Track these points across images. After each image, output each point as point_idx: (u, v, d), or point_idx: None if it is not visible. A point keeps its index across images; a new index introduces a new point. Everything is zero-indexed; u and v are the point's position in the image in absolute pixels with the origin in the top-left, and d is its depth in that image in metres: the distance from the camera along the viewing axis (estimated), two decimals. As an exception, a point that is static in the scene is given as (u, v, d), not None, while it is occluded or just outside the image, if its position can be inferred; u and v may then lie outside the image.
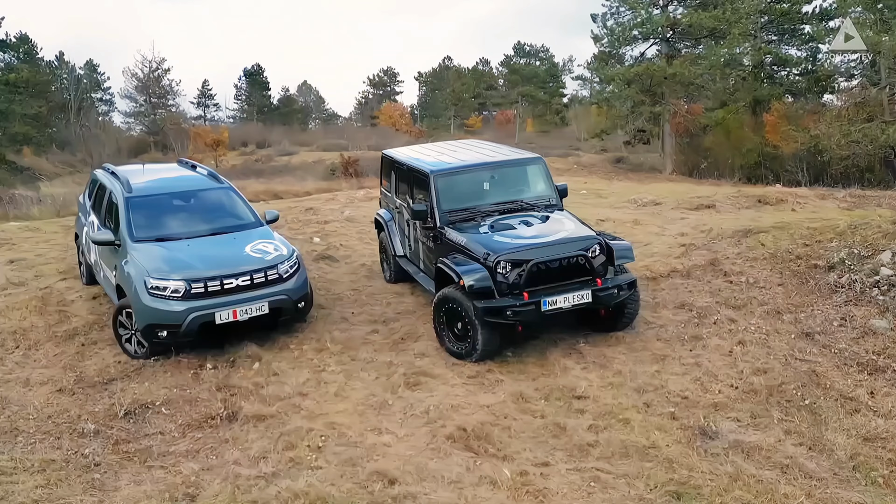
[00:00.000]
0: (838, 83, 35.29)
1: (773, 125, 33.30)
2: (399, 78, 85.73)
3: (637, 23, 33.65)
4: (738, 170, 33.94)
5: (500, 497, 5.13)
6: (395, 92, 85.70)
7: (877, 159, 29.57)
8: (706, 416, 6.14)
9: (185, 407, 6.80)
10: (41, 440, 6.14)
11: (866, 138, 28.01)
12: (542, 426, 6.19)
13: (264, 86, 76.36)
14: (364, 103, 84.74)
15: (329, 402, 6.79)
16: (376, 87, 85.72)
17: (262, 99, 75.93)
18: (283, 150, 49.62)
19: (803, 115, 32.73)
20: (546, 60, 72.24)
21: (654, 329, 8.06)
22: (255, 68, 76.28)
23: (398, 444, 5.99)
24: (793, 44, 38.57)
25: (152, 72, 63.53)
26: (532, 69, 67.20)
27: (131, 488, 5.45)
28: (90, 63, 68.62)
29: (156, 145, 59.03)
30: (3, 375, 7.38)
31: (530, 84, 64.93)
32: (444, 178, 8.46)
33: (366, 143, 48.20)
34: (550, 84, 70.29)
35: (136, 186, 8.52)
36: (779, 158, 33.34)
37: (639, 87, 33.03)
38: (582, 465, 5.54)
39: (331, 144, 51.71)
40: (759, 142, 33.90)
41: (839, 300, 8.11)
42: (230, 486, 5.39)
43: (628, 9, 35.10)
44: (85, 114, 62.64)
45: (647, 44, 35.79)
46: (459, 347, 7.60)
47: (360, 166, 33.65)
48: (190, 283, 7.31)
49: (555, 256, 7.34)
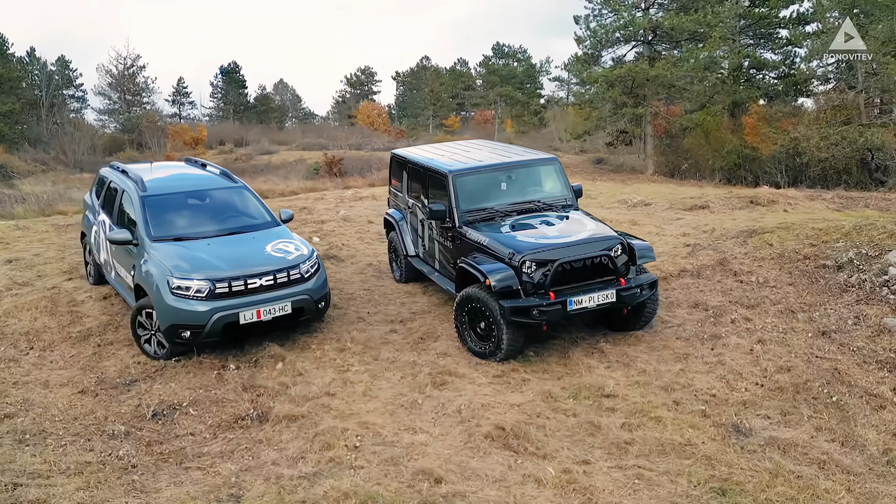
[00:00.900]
0: (815, 87, 35.93)
1: (752, 127, 33.81)
2: (377, 77, 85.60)
3: (620, 25, 33.92)
4: (717, 171, 34.46)
5: (548, 495, 5.17)
6: (372, 91, 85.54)
7: (853, 161, 30.16)
8: (737, 414, 6.24)
9: (212, 408, 6.74)
10: (71, 442, 6.04)
11: (845, 140, 28.59)
12: (577, 425, 6.24)
13: (241, 84, 75.63)
14: (341, 102, 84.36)
15: (358, 402, 6.78)
16: (354, 86, 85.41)
17: (239, 97, 75.16)
18: (263, 148, 49.22)
19: (781, 118, 33.27)
20: (524, 61, 72.51)
21: (671, 328, 8.17)
22: (232, 66, 75.58)
23: (434, 444, 6.00)
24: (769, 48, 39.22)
25: (127, 69, 62.66)
26: (510, 70, 67.40)
27: (172, 489, 5.39)
28: (62, 59, 67.35)
29: (131, 143, 58.19)
30: (21, 377, 7.25)
31: (508, 85, 65.08)
32: (462, 178, 8.48)
33: (346, 143, 48.07)
34: (528, 85, 70.57)
35: (150, 185, 8.42)
36: (757, 160, 33.86)
37: (621, 88, 33.31)
38: (623, 463, 5.60)
39: (310, 143, 51.45)
40: (738, 143, 34.39)
41: (850, 299, 8.27)
42: (274, 486, 5.35)
43: (611, 11, 35.37)
44: (57, 111, 61.50)
45: (629, 46, 36.12)
46: (482, 347, 7.63)
47: (343, 166, 33.57)
48: (214, 282, 7.24)
49: (580, 256, 7.40)
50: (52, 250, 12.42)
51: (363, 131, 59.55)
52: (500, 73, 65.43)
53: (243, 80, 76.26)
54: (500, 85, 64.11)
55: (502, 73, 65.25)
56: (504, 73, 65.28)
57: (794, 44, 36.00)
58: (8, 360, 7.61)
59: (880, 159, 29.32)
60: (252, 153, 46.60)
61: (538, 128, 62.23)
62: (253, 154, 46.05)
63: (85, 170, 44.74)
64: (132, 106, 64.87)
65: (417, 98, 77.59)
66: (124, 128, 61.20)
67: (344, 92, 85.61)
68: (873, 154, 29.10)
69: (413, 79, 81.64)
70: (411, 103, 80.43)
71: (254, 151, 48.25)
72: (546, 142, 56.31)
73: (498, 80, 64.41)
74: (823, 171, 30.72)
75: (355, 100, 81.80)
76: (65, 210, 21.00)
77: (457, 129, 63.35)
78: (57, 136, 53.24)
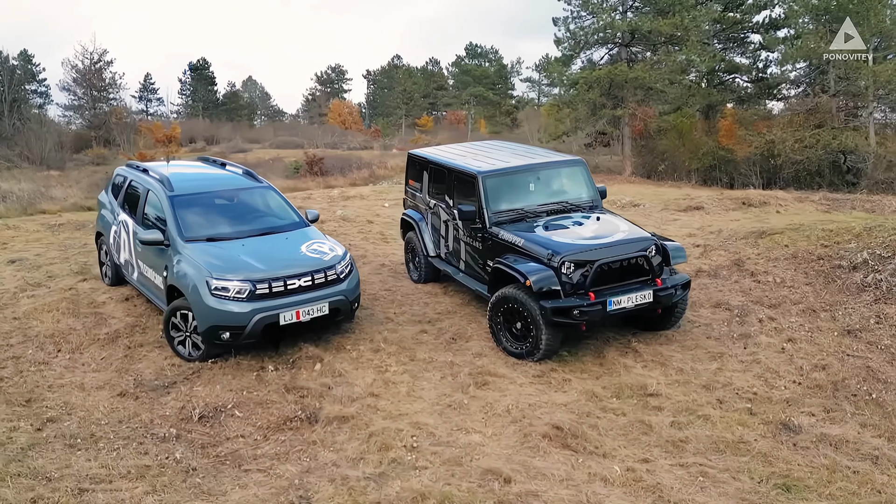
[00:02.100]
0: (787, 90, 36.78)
1: (728, 129, 34.49)
2: (347, 76, 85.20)
3: (599, 27, 34.29)
4: (693, 172, 35.07)
5: (618, 493, 5.24)
6: (343, 90, 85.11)
7: (826, 164, 30.96)
8: (783, 411, 6.39)
9: (257, 409, 6.69)
10: (124, 445, 5.95)
11: (819, 143, 29.33)
12: (628, 423, 6.33)
13: (210, 80, 74.61)
14: (311, 100, 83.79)
15: (404, 402, 6.78)
16: (324, 84, 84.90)
17: (209, 94, 74.13)
18: (236, 147, 48.72)
19: (756, 121, 33.99)
20: (495, 62, 72.88)
21: (699, 327, 8.33)
22: (201, 62, 74.51)
23: (491, 443, 6.04)
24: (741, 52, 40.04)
25: (94, 64, 61.26)
26: (483, 70, 67.67)
27: (238, 492, 5.35)
28: (24, 53, 65.70)
29: (97, 140, 56.98)
30: (56, 380, 7.11)
31: (481, 85, 65.36)
32: (491, 179, 8.54)
33: (323, 142, 47.75)
34: (499, 86, 70.97)
35: (177, 185, 8.30)
36: (732, 161, 34.56)
37: (600, 90, 33.67)
38: (682, 461, 5.70)
39: (284, 142, 51.08)
40: (713, 145, 35.04)
41: (868, 299, 8.52)
42: (342, 487, 5.34)
43: (589, 14, 35.74)
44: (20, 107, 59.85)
45: (606, 48, 36.53)
46: (518, 347, 7.69)
47: (324, 165, 33.37)
48: (254, 283, 7.17)
49: (619, 257, 7.50)
50: (53, 250, 12.16)
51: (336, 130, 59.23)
52: (472, 73, 65.67)
53: (213, 76, 75.34)
54: (472, 85, 64.35)
55: (475, 73, 65.48)
56: (477, 73, 65.51)
57: (768, 48, 36.82)
58: (38, 362, 7.45)
59: (852, 162, 30.15)
60: (225, 151, 46.00)
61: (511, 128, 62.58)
62: (226, 152, 45.44)
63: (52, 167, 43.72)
64: (98, 102, 63.48)
65: (389, 97, 77.44)
66: (91, 124, 59.83)
67: (314, 90, 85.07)
68: (846, 157, 29.90)
69: (385, 78, 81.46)
70: (383, 102, 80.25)
71: (227, 150, 47.67)
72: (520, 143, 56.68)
73: (471, 80, 64.66)
74: (797, 172, 31.47)
75: (326, 98, 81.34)
76: (47, 209, 20.61)
77: (430, 129, 63.36)
78: (21, 132, 51.76)
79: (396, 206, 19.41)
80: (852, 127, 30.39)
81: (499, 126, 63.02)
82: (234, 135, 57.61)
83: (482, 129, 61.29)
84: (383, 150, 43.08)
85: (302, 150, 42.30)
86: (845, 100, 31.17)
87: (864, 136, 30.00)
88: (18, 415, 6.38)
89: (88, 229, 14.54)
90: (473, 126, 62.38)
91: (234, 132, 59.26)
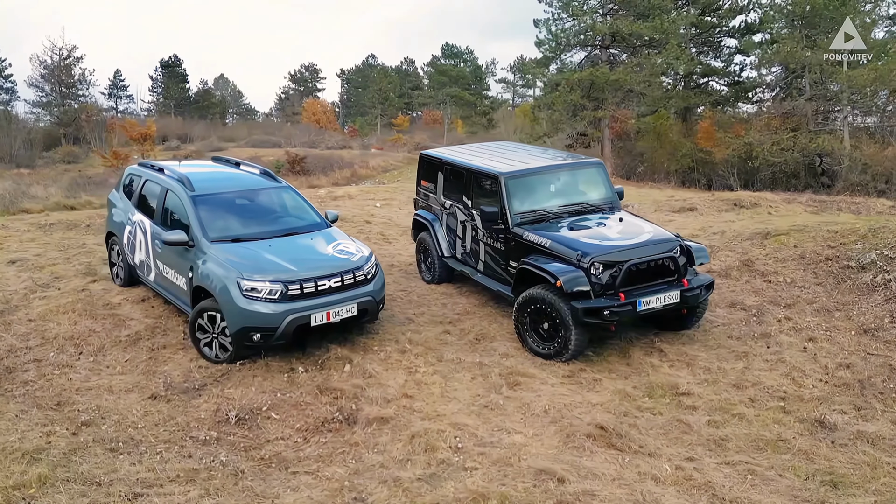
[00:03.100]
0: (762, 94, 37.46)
1: (706, 131, 35.04)
2: (321, 74, 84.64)
3: (581, 29, 34.59)
4: (672, 173, 35.59)
5: (671, 492, 5.31)
6: (316, 88, 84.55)
7: (802, 166, 31.63)
8: (815, 409, 6.52)
9: (293, 411, 6.64)
10: (166, 449, 5.86)
11: (796, 146, 29.95)
12: (667, 423, 6.41)
13: (182, 78, 73.55)
14: (285, 99, 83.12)
15: (439, 403, 6.79)
16: (297, 82, 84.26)
17: (181, 91, 73.08)
18: (212, 145, 48.04)
19: (734, 123, 34.58)
20: (470, 62, 73.05)
21: (718, 327, 8.46)
22: (173, 59, 73.42)
23: (534, 444, 6.07)
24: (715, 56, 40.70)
25: (63, 59, 60.08)
26: (459, 70, 67.76)
27: (291, 495, 5.31)
28: (-10, 48, 64.12)
29: (67, 138, 55.90)
30: (82, 383, 6.97)
31: (457, 85, 65.43)
32: (514, 180, 8.57)
33: (300, 141, 47.37)
34: (474, 86, 71.15)
35: (197, 185, 8.18)
36: (710, 163, 35.15)
37: (582, 91, 33.97)
38: (727, 459, 5.79)
39: (261, 141, 50.62)
40: (691, 147, 35.59)
41: (879, 298, 8.73)
42: (398, 489, 5.33)
43: (570, 16, 36.03)
44: (-15, 103, 58.51)
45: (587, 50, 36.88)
46: (546, 348, 7.73)
47: (306, 164, 33.12)
48: (286, 284, 7.11)
49: (648, 257, 7.59)
50: (52, 250, 11.90)
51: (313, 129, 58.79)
52: (449, 73, 65.70)
53: (185, 74, 74.27)
54: (449, 85, 64.39)
55: (452, 73, 65.54)
56: (453, 73, 65.58)
57: (744, 52, 37.48)
58: (62, 365, 7.30)
59: (827, 164, 30.83)
60: (202, 150, 45.39)
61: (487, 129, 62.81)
62: (203, 151, 44.86)
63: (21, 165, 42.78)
64: (66, 99, 62.28)
65: (364, 96, 77.13)
66: (60, 121, 58.68)
67: (287, 88, 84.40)
68: (822, 159, 30.57)
69: (359, 77, 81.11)
70: (357, 102, 79.91)
71: (203, 148, 47.03)
72: (499, 143, 56.87)
73: (447, 81, 64.69)
74: (774, 174, 32.13)
75: (299, 97, 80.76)
76: (30, 208, 20.18)
77: (406, 129, 63.27)
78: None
79: (387, 207, 19.41)
80: (828, 131, 31.10)
81: (475, 126, 63.18)
82: (208, 133, 56.87)
83: (459, 129, 61.39)
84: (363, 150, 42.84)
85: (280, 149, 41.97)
86: (820, 104, 31.85)
87: (839, 140, 30.72)
88: (51, 419, 6.24)
89: (81, 229, 14.28)
90: (450, 126, 62.42)
91: (207, 130, 58.49)
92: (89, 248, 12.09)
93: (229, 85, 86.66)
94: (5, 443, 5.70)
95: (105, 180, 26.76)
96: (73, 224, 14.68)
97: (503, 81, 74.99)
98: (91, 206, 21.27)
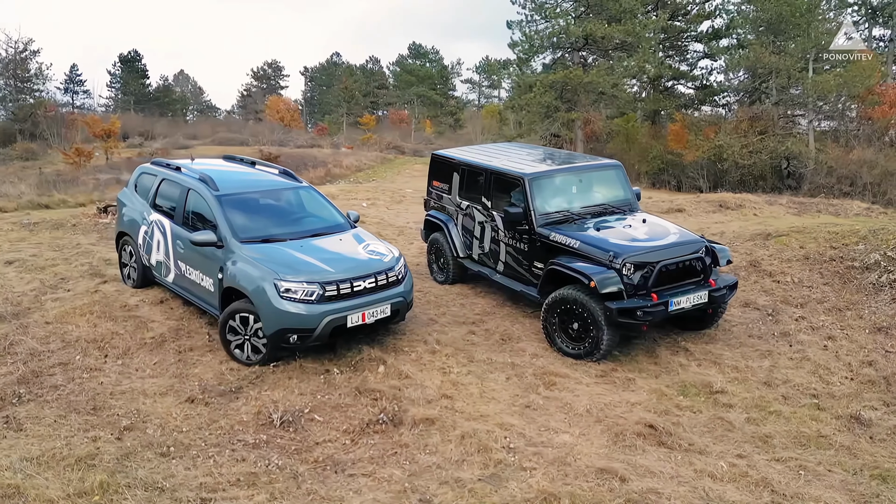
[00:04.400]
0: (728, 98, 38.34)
1: (676, 134, 35.67)
2: (284, 72, 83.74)
3: (555, 31, 34.90)
4: (643, 175, 36.14)
5: (731, 488, 5.42)
6: (280, 86, 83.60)
7: (769, 168, 32.44)
8: (848, 406, 6.72)
9: (334, 413, 6.59)
10: (217, 453, 5.76)
11: (765, 149, 30.71)
12: (708, 420, 6.54)
13: (142, 73, 71.98)
14: (247, 96, 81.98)
15: (480, 404, 6.80)
16: (260, 80, 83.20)
17: (140, 87, 71.50)
18: (178, 143, 47.12)
19: (705, 126, 35.27)
20: (436, 62, 73.10)
21: (737, 326, 8.65)
22: (132, 54, 71.81)
23: (583, 443, 6.12)
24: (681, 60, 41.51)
25: (18, 53, 58.14)
26: (426, 70, 67.72)
27: (356, 497, 5.28)
28: (-60, 40, 61.68)
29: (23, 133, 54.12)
30: (114, 387, 6.79)
31: (424, 85, 65.39)
32: (539, 181, 8.63)
33: (268, 139, 46.78)
34: (440, 86, 71.22)
35: (221, 185, 8.04)
36: (680, 165, 35.79)
37: (555, 93, 34.29)
38: (776, 456, 5.94)
39: (227, 139, 49.89)
40: (661, 149, 36.19)
41: (886, 298, 9.03)
42: (462, 490, 5.34)
43: (543, 18, 36.34)
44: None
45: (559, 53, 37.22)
46: (576, 348, 7.81)
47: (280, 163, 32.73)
48: (323, 285, 7.03)
49: (678, 258, 7.72)
50: (47, 251, 11.57)
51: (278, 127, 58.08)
52: (416, 73, 65.61)
53: (145, 69, 72.72)
54: (416, 85, 64.30)
55: (419, 73, 65.45)
56: (421, 73, 65.50)
57: (711, 57, 38.31)
58: (89, 368, 7.10)
59: (794, 167, 31.68)
60: (168, 147, 44.46)
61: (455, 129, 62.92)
62: (168, 148, 43.95)
63: (-23, 161, 41.35)
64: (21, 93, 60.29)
65: (328, 95, 76.53)
66: (15, 117, 56.74)
67: (250, 86, 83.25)
68: (789, 162, 31.40)
69: (323, 75, 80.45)
70: (322, 100, 79.24)
71: (168, 146, 46.07)
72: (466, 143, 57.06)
73: (414, 80, 64.57)
74: (742, 176, 32.84)
75: (262, 94, 79.71)
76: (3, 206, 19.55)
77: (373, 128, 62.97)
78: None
79: (374, 207, 19.32)
80: (794, 134, 31.97)
81: (442, 127, 63.24)
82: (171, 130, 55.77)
83: (427, 129, 61.33)
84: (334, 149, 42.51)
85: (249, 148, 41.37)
86: (786, 108, 32.74)
87: (804, 143, 31.60)
88: (92, 424, 6.08)
89: (68, 229, 13.94)
90: (417, 126, 62.33)
91: (170, 128, 57.36)
92: (85, 248, 11.78)
93: (190, 81, 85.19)
94: (52, 449, 5.55)
95: (76, 178, 26.07)
96: (58, 224, 14.29)
97: (469, 82, 75.32)
98: (66, 204, 20.70)
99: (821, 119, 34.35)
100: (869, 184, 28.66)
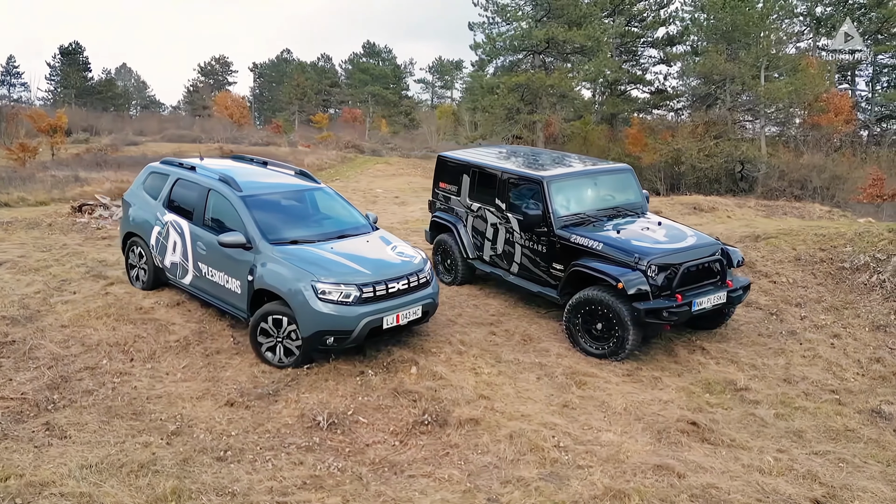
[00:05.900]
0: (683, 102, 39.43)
1: (634, 137, 36.50)
2: (233, 68, 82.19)
3: (518, 34, 35.28)
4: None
5: (782, 481, 5.65)
6: (227, 82, 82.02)
7: (723, 171, 33.51)
8: (867, 401, 7.06)
9: (377, 415, 6.59)
10: (274, 457, 5.71)
11: (722, 152, 31.71)
12: (741, 417, 6.79)
13: (84, 66, 69.59)
14: (194, 91, 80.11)
15: (518, 404, 6.90)
16: (207, 75, 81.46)
17: (81, 80, 69.12)
18: (127, 139, 45.73)
19: (662, 130, 36.21)
20: (389, 62, 72.90)
21: (745, 326, 8.97)
22: (73, 46, 69.33)
23: (628, 441, 6.28)
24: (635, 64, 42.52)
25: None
26: (381, 69, 67.45)
27: (425, 498, 5.32)
28: None
29: (-43, 127, 51.68)
30: (149, 391, 6.64)
31: (378, 84, 65.13)
32: (557, 184, 8.77)
33: (221, 136, 45.81)
34: (394, 85, 71.05)
35: (243, 185, 7.92)
36: (637, 168, 36.61)
37: (518, 95, 34.67)
38: (813, 449, 6.21)
39: (179, 135, 48.61)
40: (619, 152, 36.98)
41: (878, 297, 9.49)
42: (528, 488, 5.43)
43: (504, 21, 36.69)
44: None
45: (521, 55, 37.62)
46: (599, 347, 7.98)
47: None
48: (361, 287, 7.01)
49: (700, 260, 7.96)
50: (32, 251, 11.17)
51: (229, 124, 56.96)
52: (371, 71, 65.29)
53: (87, 62, 70.30)
54: (371, 83, 63.99)
55: (374, 72, 65.15)
56: (375, 72, 65.22)
57: (666, 62, 39.32)
58: (118, 373, 6.92)
59: (747, 170, 32.80)
60: (117, 144, 43.07)
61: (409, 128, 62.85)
62: (118, 145, 42.59)
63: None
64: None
65: (280, 92, 75.45)
66: (-51, 110, 54.22)
67: (196, 81, 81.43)
68: (743, 165, 32.48)
69: (273, 71, 79.28)
70: (272, 97, 78.07)
71: (117, 142, 44.60)
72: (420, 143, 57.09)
73: (369, 79, 64.25)
74: (698, 179, 33.83)
75: (209, 90, 78.04)
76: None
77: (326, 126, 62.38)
78: None
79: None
80: (749, 139, 33.11)
81: (397, 126, 63.09)
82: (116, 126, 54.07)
83: (383, 128, 61.07)
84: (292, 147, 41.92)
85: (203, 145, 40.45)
86: (739, 114, 33.88)
87: (757, 148, 32.77)
88: (137, 429, 5.94)
89: (44, 228, 13.48)
90: (372, 125, 62.03)
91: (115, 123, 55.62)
92: (73, 249, 11.40)
93: (133, 75, 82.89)
94: (107, 456, 5.42)
95: (32, 175, 25.05)
96: (33, 223, 13.81)
97: (422, 82, 75.36)
98: (25, 202, 19.91)
99: (770, 125, 35.64)
100: (819, 187, 29.90)
